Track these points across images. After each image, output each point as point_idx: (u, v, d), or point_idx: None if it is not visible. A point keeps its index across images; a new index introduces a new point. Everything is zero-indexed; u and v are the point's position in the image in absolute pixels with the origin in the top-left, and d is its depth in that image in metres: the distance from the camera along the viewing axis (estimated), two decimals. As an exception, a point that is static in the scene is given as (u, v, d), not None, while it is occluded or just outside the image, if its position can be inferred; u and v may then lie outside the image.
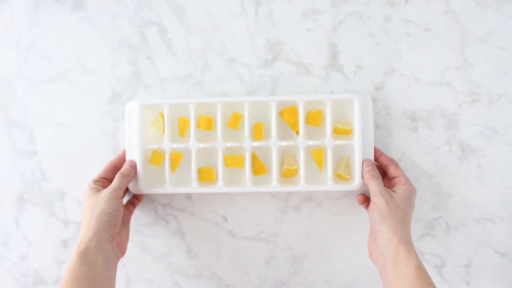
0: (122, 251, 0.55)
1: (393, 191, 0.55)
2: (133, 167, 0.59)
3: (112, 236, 0.53)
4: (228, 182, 0.61)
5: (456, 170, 0.62)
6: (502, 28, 0.60)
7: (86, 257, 0.50)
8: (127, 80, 0.64)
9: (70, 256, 0.51)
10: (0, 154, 0.66)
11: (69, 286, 0.48)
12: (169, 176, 0.60)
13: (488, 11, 0.60)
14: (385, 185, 0.56)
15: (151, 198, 0.65)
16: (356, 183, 0.58)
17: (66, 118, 0.65)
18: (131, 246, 0.65)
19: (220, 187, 0.59)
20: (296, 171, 0.60)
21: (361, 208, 0.63)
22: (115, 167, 0.60)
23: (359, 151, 0.57)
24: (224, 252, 0.65)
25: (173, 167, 0.61)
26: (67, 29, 0.64)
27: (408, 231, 0.53)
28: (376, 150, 0.59)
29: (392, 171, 0.57)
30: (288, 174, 0.60)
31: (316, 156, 0.60)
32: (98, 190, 0.56)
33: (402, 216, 0.52)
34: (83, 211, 0.55)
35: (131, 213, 0.61)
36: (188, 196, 0.65)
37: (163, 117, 0.60)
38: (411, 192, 0.55)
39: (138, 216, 0.65)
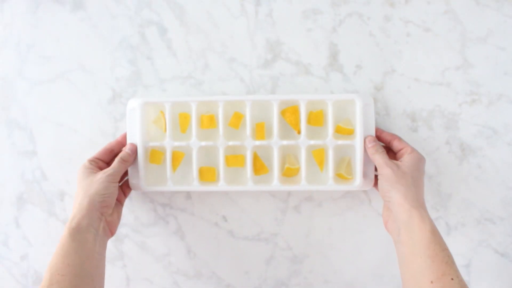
0: (112, 231, 0.56)
1: (399, 161, 0.54)
2: (133, 151, 0.59)
3: (103, 215, 0.54)
4: (229, 181, 0.61)
5: (456, 170, 0.62)
6: (502, 28, 0.60)
7: (77, 234, 0.51)
8: (127, 80, 0.64)
9: (62, 233, 0.51)
10: (0, 154, 0.66)
11: (60, 261, 0.49)
12: (171, 174, 0.60)
13: (488, 11, 0.60)
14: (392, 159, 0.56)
15: (151, 198, 0.65)
16: (357, 183, 0.58)
17: (66, 118, 0.65)
18: (131, 246, 0.65)
19: (221, 185, 0.59)
20: (297, 170, 0.60)
21: (361, 208, 0.63)
22: (112, 150, 0.60)
23: (361, 151, 0.57)
24: (224, 252, 0.65)
25: (174, 166, 0.61)
26: (67, 29, 0.64)
27: (420, 196, 0.52)
28: (377, 129, 0.59)
29: (396, 144, 0.57)
30: (289, 173, 0.60)
31: (318, 156, 0.60)
32: (93, 171, 0.56)
33: (411, 181, 0.52)
34: (77, 190, 0.55)
35: (126, 196, 0.61)
36: (188, 196, 0.65)
37: (164, 115, 0.60)
38: (419, 159, 0.54)
39: (138, 216, 0.65)
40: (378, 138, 0.58)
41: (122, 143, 0.61)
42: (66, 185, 0.65)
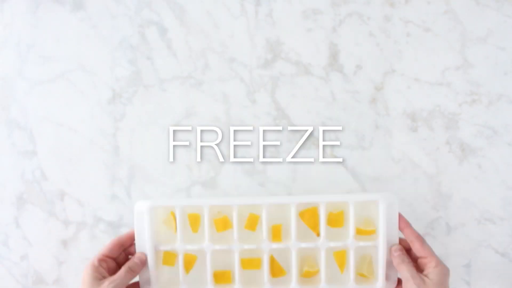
0: None
1: (424, 275, 0.50)
2: (142, 262, 0.55)
3: None
4: (245, 283, 0.56)
5: (456, 170, 0.62)
6: (502, 28, 0.60)
7: None
8: (127, 80, 0.64)
9: None
10: (0, 154, 0.66)
11: None
12: (183, 277, 0.56)
13: (488, 11, 0.60)
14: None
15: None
16: (379, 284, 0.55)
17: (66, 118, 0.65)
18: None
19: None
20: (316, 272, 0.57)
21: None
22: (121, 245, 0.55)
23: (383, 253, 0.54)
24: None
25: (187, 269, 0.57)
26: (67, 29, 0.64)
27: None
28: (401, 219, 0.54)
29: (418, 249, 0.52)
30: (308, 275, 0.57)
31: (339, 258, 0.56)
32: (101, 276, 0.52)
33: None
34: None
35: None
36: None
37: (174, 216, 0.56)
38: (445, 274, 0.50)
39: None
40: (401, 230, 0.54)
41: (131, 238, 0.56)
42: (66, 185, 0.65)
